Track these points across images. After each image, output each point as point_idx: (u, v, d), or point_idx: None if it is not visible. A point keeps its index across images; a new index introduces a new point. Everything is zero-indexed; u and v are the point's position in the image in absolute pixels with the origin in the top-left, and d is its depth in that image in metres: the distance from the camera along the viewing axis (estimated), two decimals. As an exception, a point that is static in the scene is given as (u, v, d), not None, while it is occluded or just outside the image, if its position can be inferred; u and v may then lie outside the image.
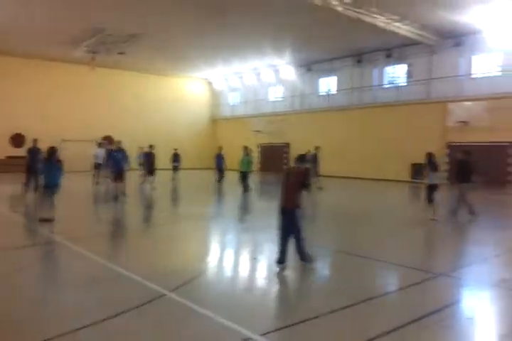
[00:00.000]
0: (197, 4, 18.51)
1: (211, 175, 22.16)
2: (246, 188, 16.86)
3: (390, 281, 6.32)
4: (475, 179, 11.33)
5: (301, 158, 6.53)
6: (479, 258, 7.34)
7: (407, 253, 7.97)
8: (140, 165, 19.39)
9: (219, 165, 19.65)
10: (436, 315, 4.72)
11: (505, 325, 4.63)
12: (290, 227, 6.28)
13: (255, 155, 27.80)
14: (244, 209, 14.20)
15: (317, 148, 20.10)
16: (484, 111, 20.95)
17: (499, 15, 18.73)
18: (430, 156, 11.39)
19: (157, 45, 25.43)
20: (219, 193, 18.22)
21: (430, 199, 11.29)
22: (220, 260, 7.43)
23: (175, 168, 22.13)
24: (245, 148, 17.51)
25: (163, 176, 20.78)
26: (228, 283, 6.01)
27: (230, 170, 20.67)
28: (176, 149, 22.37)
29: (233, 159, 19.87)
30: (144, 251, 7.66)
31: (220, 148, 18.89)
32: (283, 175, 6.49)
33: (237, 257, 7.68)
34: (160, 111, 34.35)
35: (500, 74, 21.24)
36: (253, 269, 6.78)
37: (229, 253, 7.97)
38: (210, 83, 37.83)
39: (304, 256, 6.43)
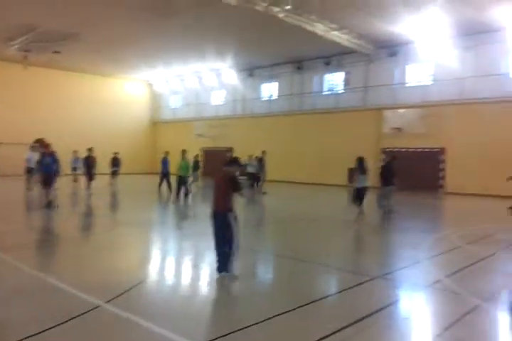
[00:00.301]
0: (136, 5, 18.13)
1: (152, 180, 21.69)
2: (186, 193, 16.59)
3: (329, 285, 6.42)
4: (396, 182, 12.46)
5: (231, 162, 6.33)
6: (413, 260, 7.64)
7: (343, 256, 8.17)
8: (73, 169, 18.67)
9: (164, 170, 18.95)
10: (374, 316, 4.83)
11: (439, 325, 4.81)
12: (223, 232, 6.09)
13: (200, 159, 27.58)
14: (185, 214, 13.99)
15: (263, 152, 20.34)
16: (417, 118, 22.05)
17: (429, 26, 19.81)
18: (360, 160, 11.98)
19: (95, 45, 24.64)
20: (159, 199, 17.83)
21: (359, 202, 11.93)
22: (160, 268, 7.23)
23: (114, 173, 21.43)
24: (183, 151, 17.04)
25: (102, 181, 20.06)
26: (168, 291, 5.84)
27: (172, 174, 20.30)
28: (115, 153, 21.67)
29: (174, 163, 19.54)
30: (79, 260, 7.30)
31: (167, 153, 18.33)
32: (214, 179, 6.42)
33: (178, 265, 7.51)
34: (98, 113, 33.22)
35: (431, 83, 22.44)
36: (193, 277, 6.65)
37: (169, 261, 7.78)
38: (150, 85, 37.13)
39: (225, 266, 6.05)
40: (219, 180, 6.25)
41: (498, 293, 5.78)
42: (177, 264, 7.53)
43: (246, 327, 4.42)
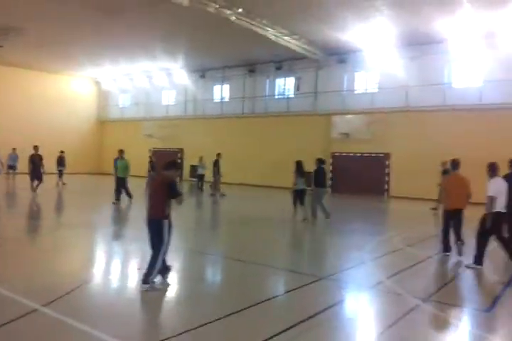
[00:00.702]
0: (79, 2, 17.60)
1: (99, 181, 21.06)
2: (128, 194, 15.37)
3: (276, 286, 6.47)
4: (328, 184, 12.88)
5: (169, 165, 5.96)
6: (357, 262, 7.85)
7: (290, 257, 8.29)
8: (9, 167, 17.85)
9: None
10: (319, 316, 4.92)
11: (382, 324, 4.96)
12: (152, 239, 5.78)
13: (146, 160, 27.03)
14: (126, 217, 13.70)
15: (218, 154, 20.29)
16: (364, 124, 22.75)
17: (376, 36, 20.52)
18: (298, 164, 12.76)
19: (39, 40, 23.63)
20: (106, 201, 17.31)
21: (301, 203, 12.62)
22: (102, 271, 7.01)
23: (60, 173, 20.66)
24: (120, 151, 15.97)
25: (47, 181, 19.22)
26: (109, 294, 5.68)
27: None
28: (61, 152, 20.88)
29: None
30: (16, 263, 6.95)
31: (121, 152, 16.33)
32: (150, 183, 6.12)
33: (120, 268, 7.32)
34: (43, 111, 31.79)
35: (377, 90, 23.23)
36: (136, 280, 6.50)
37: (111, 264, 7.57)
38: (98, 83, 36.05)
39: (147, 277, 5.63)
40: (155, 185, 5.96)
41: (436, 293, 6.04)
42: (119, 267, 7.33)
43: (191, 330, 4.36)
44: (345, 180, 23.51)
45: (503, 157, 9.10)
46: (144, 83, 32.64)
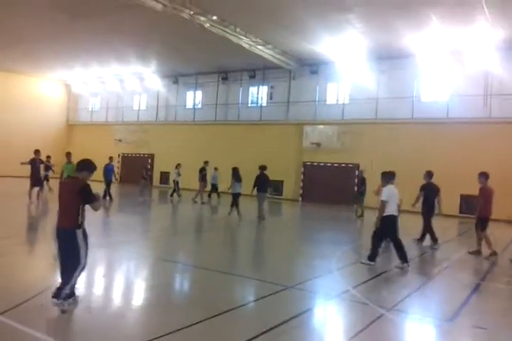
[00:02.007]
0: (46, 4, 17.28)
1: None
2: None
3: (242, 294, 6.39)
4: (270, 190, 15.00)
5: (81, 166, 5.26)
6: (324, 271, 7.85)
7: (255, 266, 8.22)
8: None
9: (108, 177, 17.87)
10: (284, 325, 4.88)
11: (346, 334, 4.95)
12: (67, 253, 5.05)
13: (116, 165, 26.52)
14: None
15: (206, 162, 20.24)
16: (334, 134, 23.03)
17: (348, 48, 20.89)
18: (234, 170, 14.42)
19: (6, 40, 23.03)
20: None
21: (236, 205, 14.25)
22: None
23: (45, 177, 20.24)
24: (67, 154, 15.04)
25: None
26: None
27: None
28: (47, 156, 20.52)
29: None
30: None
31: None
32: (59, 188, 5.27)
33: (86, 275, 7.09)
34: (9, 112, 30.87)
35: (348, 102, 23.58)
36: (103, 288, 6.31)
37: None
38: (68, 85, 35.36)
39: (62, 293, 4.93)
40: (67, 190, 5.16)
41: (400, 302, 6.08)
42: (85, 274, 7.10)
43: (158, 337, 4.25)
44: (315, 189, 23.66)
45: (468, 169, 9.35)
46: (116, 87, 32.23)
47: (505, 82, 19.15)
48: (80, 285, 6.28)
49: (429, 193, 11.04)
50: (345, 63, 22.71)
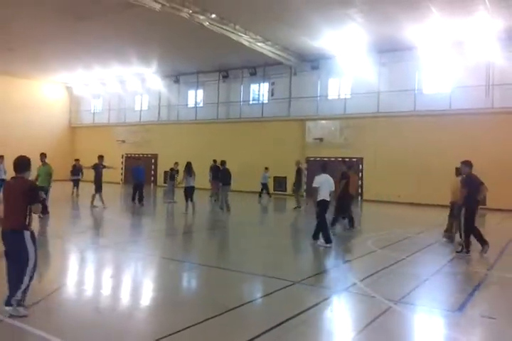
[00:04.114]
0: (49, 5, 17.29)
1: (68, 188, 20.68)
2: (43, 210, 11.06)
3: (249, 291, 6.40)
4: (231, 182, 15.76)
5: (19, 166, 5.08)
6: (330, 265, 7.87)
7: (261, 261, 8.23)
8: None
9: (137, 180, 17.39)
10: (293, 320, 4.89)
11: (355, 328, 4.96)
12: (16, 256, 4.83)
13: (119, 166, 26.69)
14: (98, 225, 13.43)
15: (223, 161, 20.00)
16: (337, 129, 22.99)
17: (349, 42, 20.81)
18: (188, 165, 15.06)
19: (10, 45, 23.10)
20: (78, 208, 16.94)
21: (191, 199, 14.70)
22: (72, 280, 6.80)
23: (75, 182, 20.52)
24: (42, 154, 13.30)
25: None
26: (78, 304, 5.51)
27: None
28: (76, 160, 21.05)
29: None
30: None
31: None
32: (4, 188, 5.06)
33: (92, 276, 7.14)
34: (11, 116, 30.92)
35: (350, 96, 23.52)
36: (109, 288, 6.34)
37: (83, 272, 7.36)
38: (69, 88, 35.43)
39: (10, 298, 4.72)
40: (13, 189, 4.94)
41: (408, 295, 6.08)
42: (91, 275, 7.14)
43: (165, 337, 4.27)
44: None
45: (471, 160, 9.29)
46: (117, 88, 32.25)
47: (507, 72, 19.04)
48: (89, 286, 6.35)
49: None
50: (346, 57, 22.63)
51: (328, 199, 9.41)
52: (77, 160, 21.61)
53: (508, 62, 19.01)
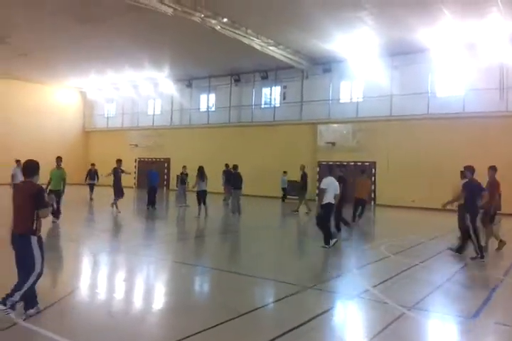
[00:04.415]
0: (62, 10, 17.53)
1: (86, 192, 20.90)
2: (56, 213, 12.13)
3: (261, 296, 6.39)
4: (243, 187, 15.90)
5: (28, 170, 5.11)
6: (343, 270, 7.81)
7: (274, 266, 8.21)
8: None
9: (153, 183, 17.44)
10: (305, 326, 4.86)
11: (368, 334, 4.92)
12: (23, 260, 4.90)
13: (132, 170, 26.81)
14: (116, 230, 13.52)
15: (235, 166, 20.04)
16: (349, 133, 22.91)
17: (360, 45, 20.76)
18: (200, 169, 15.03)
19: (23, 51, 23.47)
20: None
21: (203, 203, 14.77)
22: (85, 283, 6.86)
23: (91, 186, 20.92)
24: (58, 158, 12.95)
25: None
26: (91, 307, 5.56)
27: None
28: (92, 164, 21.61)
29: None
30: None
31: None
32: (13, 193, 5.09)
33: (105, 279, 7.19)
34: (26, 121, 31.37)
35: (362, 100, 23.42)
36: (122, 292, 6.38)
37: (96, 276, 7.42)
38: (83, 93, 35.85)
39: (6, 297, 4.70)
40: (23, 194, 4.97)
41: (421, 301, 6.01)
42: (104, 278, 7.19)
43: (174, 343, 4.28)
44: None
45: (485, 164, 9.19)
46: (130, 92, 32.57)
47: (522, 75, 18.83)
48: (102, 290, 6.39)
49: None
50: (358, 60, 22.57)
51: (333, 202, 9.63)
52: (93, 164, 21.81)
53: (523, 64, 18.79)
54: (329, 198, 9.53)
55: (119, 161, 16.33)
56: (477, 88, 19.75)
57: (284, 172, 22.78)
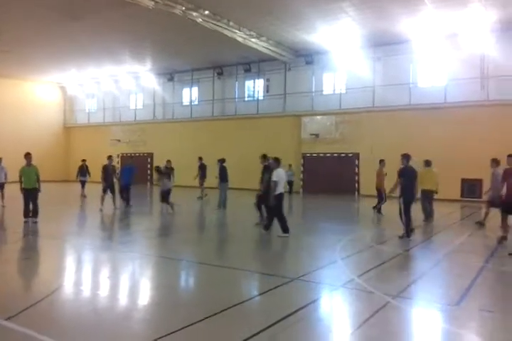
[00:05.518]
0: (48, 7, 17.18)
1: (69, 188, 20.56)
2: (33, 213, 11.57)
3: (247, 288, 6.36)
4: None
5: None
6: (328, 261, 7.82)
7: (259, 259, 8.20)
8: None
9: (125, 181, 16.11)
10: (291, 317, 4.84)
11: (353, 323, 4.93)
12: None
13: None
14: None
15: (200, 158, 19.97)
16: (333, 124, 22.96)
17: (343, 37, 20.74)
18: (167, 166, 15.38)
19: (5, 47, 22.95)
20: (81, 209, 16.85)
21: (167, 201, 14.51)
22: (68, 281, 6.74)
23: (83, 183, 20.43)
24: (27, 155, 11.89)
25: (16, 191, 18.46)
26: (76, 304, 5.46)
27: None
28: (83, 160, 20.84)
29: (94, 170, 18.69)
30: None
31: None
32: None
33: (89, 276, 7.08)
34: (5, 118, 30.77)
35: (345, 91, 23.46)
36: (107, 289, 6.29)
37: (81, 273, 7.31)
38: (63, 88, 35.26)
39: None
40: None
41: (406, 289, 6.05)
42: (89, 275, 7.09)
43: (164, 336, 4.22)
44: (315, 180, 23.64)
45: (468, 153, 9.27)
46: (111, 87, 32.15)
47: (501, 64, 19.03)
48: (85, 288, 6.29)
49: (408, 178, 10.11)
50: (341, 52, 22.58)
51: (283, 191, 10.20)
52: (83, 160, 21.33)
53: (503, 54, 18.98)
54: (281, 189, 10.08)
55: (110, 157, 15.95)
56: (459, 78, 19.93)
57: (290, 165, 22.37)
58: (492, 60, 19.30)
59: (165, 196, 14.57)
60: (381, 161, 14.77)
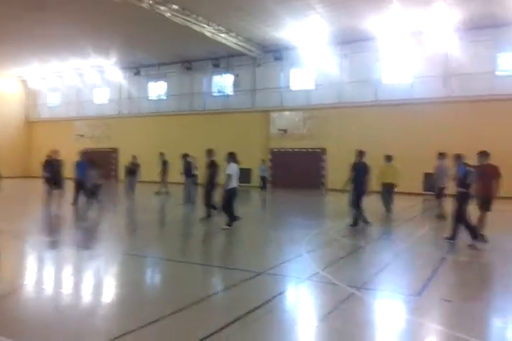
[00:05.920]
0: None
1: (30, 185, 19.92)
2: None
3: (213, 283, 6.34)
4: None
5: None
6: (293, 255, 7.87)
7: (225, 254, 8.17)
8: None
9: (77, 176, 15.09)
10: (257, 310, 4.84)
11: (318, 315, 4.97)
12: None
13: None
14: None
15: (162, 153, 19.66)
16: (301, 120, 23.12)
17: (310, 33, 20.88)
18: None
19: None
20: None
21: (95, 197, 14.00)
22: (30, 280, 6.54)
23: None
24: None
25: None
26: (36, 303, 5.30)
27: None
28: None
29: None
30: None
31: (84, 154, 13.51)
32: None
33: (53, 274, 6.90)
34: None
35: (314, 87, 23.63)
36: (70, 287, 6.13)
37: (43, 271, 7.10)
38: (24, 81, 34.13)
39: None
40: None
41: (369, 281, 6.16)
42: (51, 274, 6.90)
43: (127, 333, 4.15)
44: (284, 175, 23.78)
45: (431, 148, 9.50)
46: (75, 81, 31.34)
47: (464, 62, 19.58)
48: (48, 286, 6.12)
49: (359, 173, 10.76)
50: (309, 48, 22.74)
51: (237, 186, 10.41)
52: (49, 156, 20.29)
53: (465, 52, 19.53)
54: (234, 183, 10.25)
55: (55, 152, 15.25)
56: (423, 75, 20.39)
57: (263, 160, 22.73)
58: (455, 58, 19.84)
59: (94, 191, 13.83)
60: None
